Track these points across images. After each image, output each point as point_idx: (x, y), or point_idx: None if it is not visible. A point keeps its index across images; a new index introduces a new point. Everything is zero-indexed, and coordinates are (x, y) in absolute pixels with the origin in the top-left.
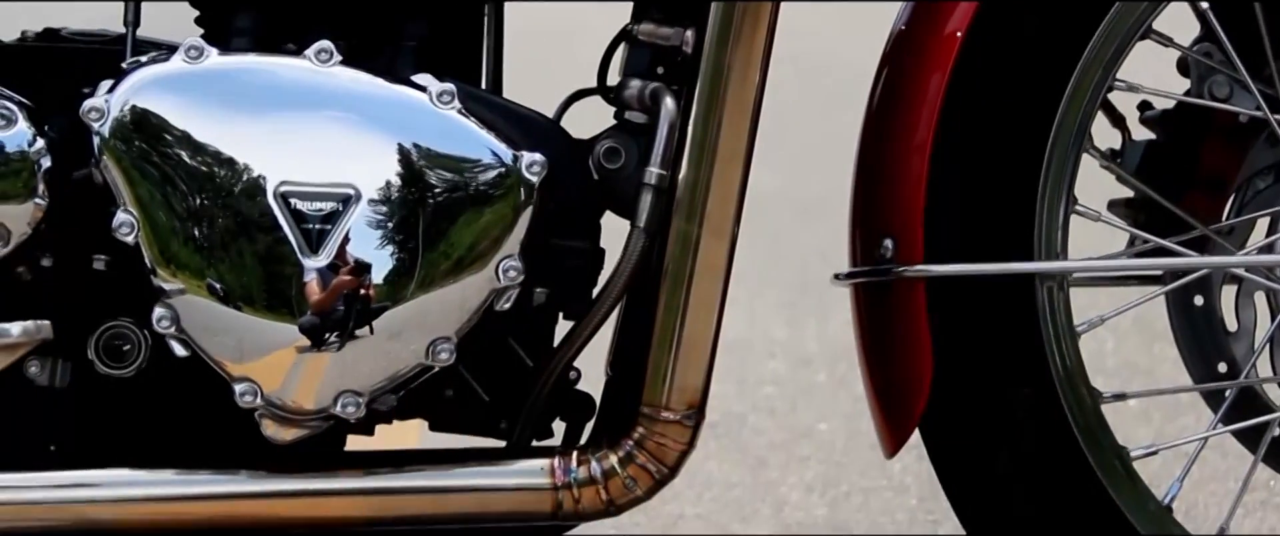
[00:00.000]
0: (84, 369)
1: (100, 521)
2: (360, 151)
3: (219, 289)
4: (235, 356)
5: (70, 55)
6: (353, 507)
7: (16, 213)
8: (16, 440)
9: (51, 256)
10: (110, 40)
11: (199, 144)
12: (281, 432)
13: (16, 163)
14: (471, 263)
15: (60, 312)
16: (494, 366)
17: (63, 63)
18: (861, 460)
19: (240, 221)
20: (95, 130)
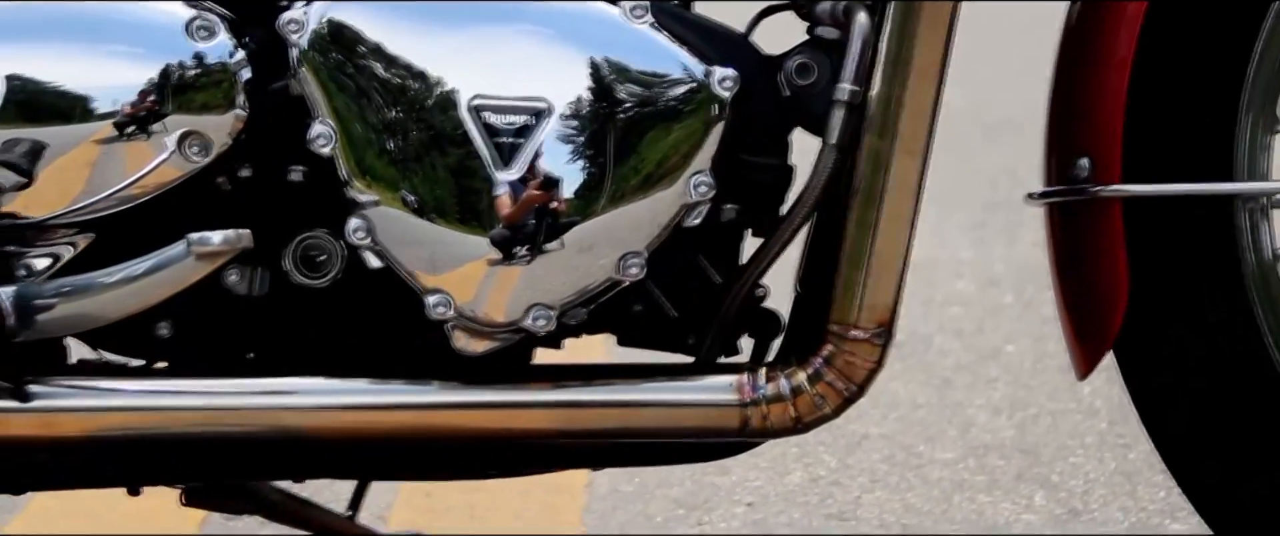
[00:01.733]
0: (280, 279)
1: (293, 428)
2: (553, 65)
3: (412, 201)
4: (428, 268)
5: None
6: (541, 420)
7: (217, 124)
8: (215, 347)
9: (250, 167)
10: None
11: (394, 57)
12: (472, 344)
13: (217, 74)
14: (662, 178)
15: (258, 223)
16: (682, 282)
17: None
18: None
19: (433, 134)
20: (293, 42)
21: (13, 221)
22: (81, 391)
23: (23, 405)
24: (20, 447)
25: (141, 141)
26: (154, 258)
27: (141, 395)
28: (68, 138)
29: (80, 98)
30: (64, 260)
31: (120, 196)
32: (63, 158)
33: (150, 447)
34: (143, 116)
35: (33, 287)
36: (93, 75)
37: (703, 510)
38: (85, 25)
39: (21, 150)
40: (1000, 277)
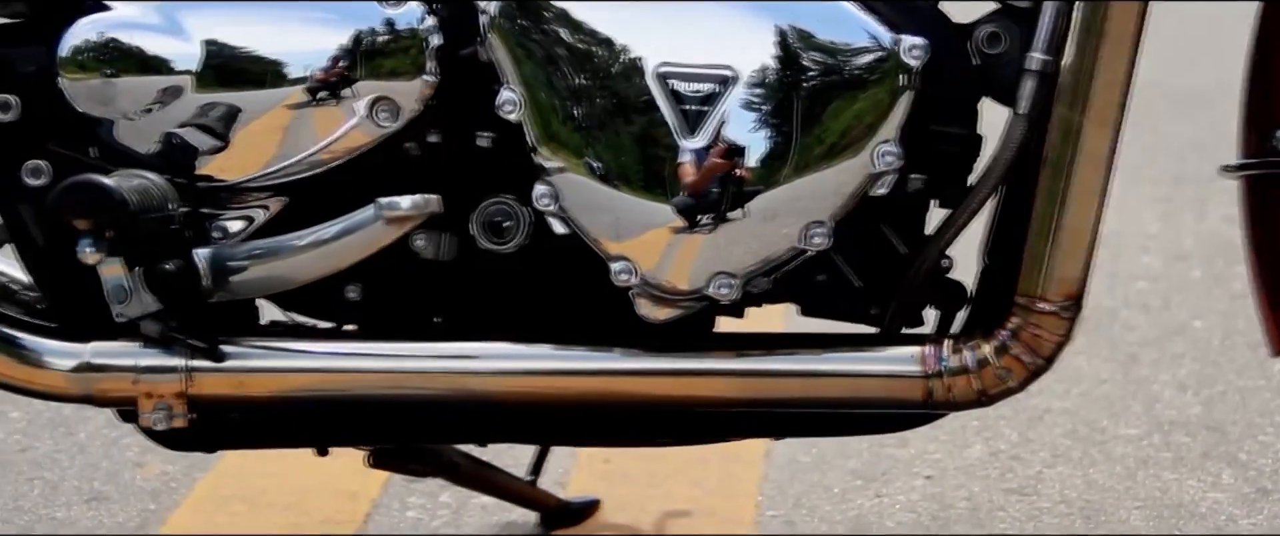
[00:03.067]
0: (466, 243)
1: (477, 392)
2: (740, 33)
3: (598, 168)
4: (613, 235)
5: None
6: (723, 388)
7: (407, 89)
8: (401, 310)
9: (438, 133)
10: None
11: (581, 24)
12: (655, 312)
13: (407, 40)
14: (848, 147)
15: (446, 188)
16: (867, 252)
17: None
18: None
19: (619, 101)
20: (482, 9)
21: (208, 184)
22: (273, 352)
23: (217, 365)
24: (214, 406)
25: (332, 106)
26: (344, 221)
27: (330, 357)
28: (261, 102)
29: (274, 63)
30: (257, 223)
31: (311, 160)
32: (256, 122)
33: (338, 409)
34: (334, 82)
35: (227, 250)
36: (286, 41)
37: (881, 482)
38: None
39: (217, 114)
40: (1188, 252)
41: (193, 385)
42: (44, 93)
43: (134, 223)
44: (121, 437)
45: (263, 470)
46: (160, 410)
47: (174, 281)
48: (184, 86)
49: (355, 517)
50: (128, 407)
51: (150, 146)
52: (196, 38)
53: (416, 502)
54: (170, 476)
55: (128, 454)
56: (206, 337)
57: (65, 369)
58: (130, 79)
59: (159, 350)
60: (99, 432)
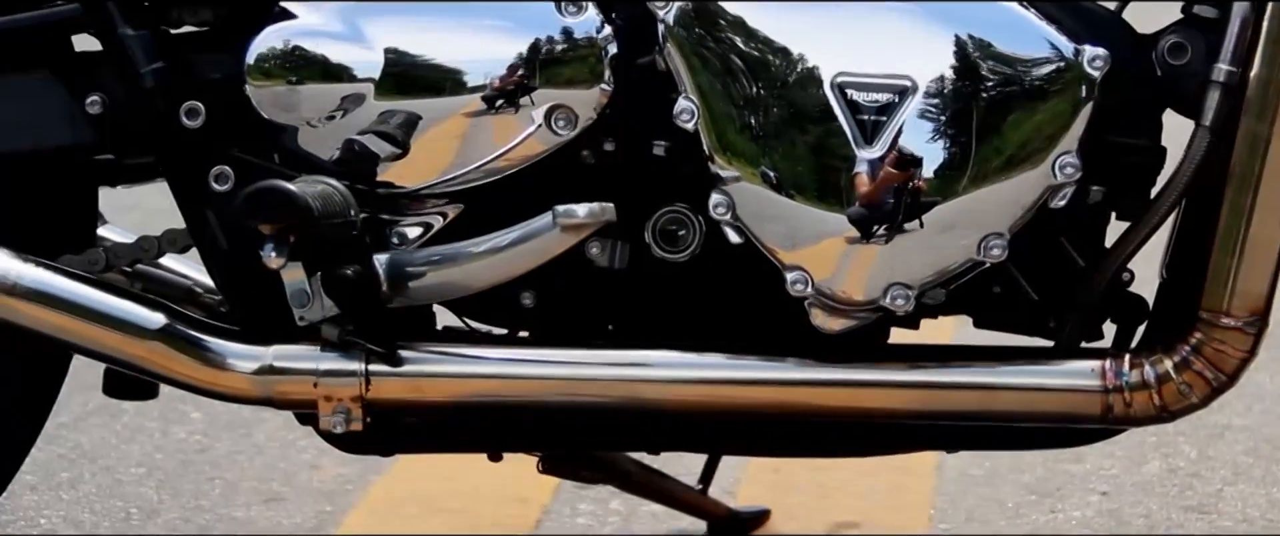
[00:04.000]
0: (640, 252)
1: (649, 401)
2: (918, 43)
3: (773, 177)
4: (788, 245)
5: None
6: (896, 400)
7: (584, 97)
8: (576, 318)
9: (614, 141)
10: None
11: (758, 33)
12: (830, 322)
13: (585, 49)
14: (1027, 158)
15: (620, 196)
16: (1044, 264)
17: None
18: None
19: (796, 111)
20: (660, 18)
21: (388, 190)
22: (448, 358)
23: (394, 369)
24: (391, 410)
25: (510, 115)
26: (520, 229)
27: (505, 363)
28: (440, 110)
29: (452, 71)
30: (434, 230)
31: (488, 168)
32: (435, 129)
33: (511, 414)
34: (511, 90)
35: (405, 255)
36: (465, 49)
37: (1056, 497)
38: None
39: (397, 122)
40: None
41: (370, 389)
42: (230, 99)
43: (316, 228)
44: (298, 439)
45: (436, 474)
46: (338, 413)
47: (354, 286)
48: (365, 94)
49: (526, 523)
50: (307, 411)
51: (332, 153)
52: (378, 46)
53: (587, 509)
54: (346, 479)
55: (304, 456)
56: (384, 342)
57: (247, 371)
58: (314, 86)
59: (338, 354)
60: (276, 434)
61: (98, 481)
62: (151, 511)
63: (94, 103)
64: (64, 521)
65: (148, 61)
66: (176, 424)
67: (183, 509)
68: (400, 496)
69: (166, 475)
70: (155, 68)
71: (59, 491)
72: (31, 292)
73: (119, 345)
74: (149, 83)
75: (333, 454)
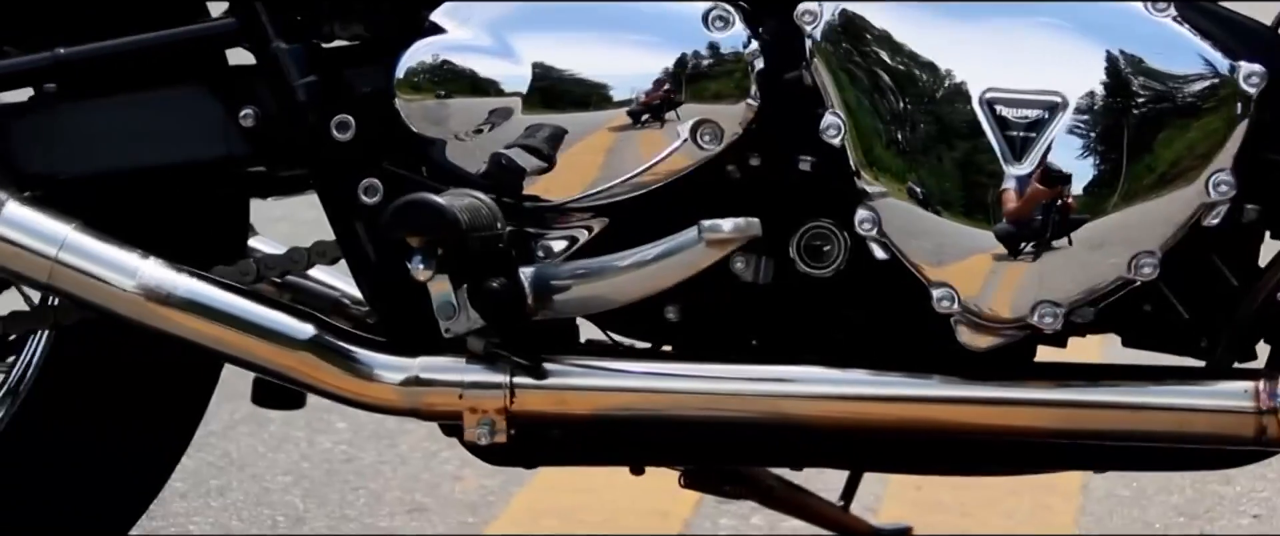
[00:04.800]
0: (785, 267)
1: (792, 416)
2: (1069, 59)
3: (920, 193)
4: (934, 261)
5: None
6: (1043, 419)
7: (730, 112)
8: (720, 332)
9: (760, 156)
10: None
11: (907, 49)
12: (976, 339)
13: (731, 64)
14: (1179, 176)
15: (766, 211)
16: (1196, 283)
17: None
18: None
19: (944, 127)
20: (807, 33)
21: (534, 204)
22: (592, 371)
23: (538, 382)
24: (535, 423)
25: (655, 129)
26: (665, 243)
27: (648, 377)
28: (586, 124)
29: (598, 86)
30: (579, 243)
31: (633, 182)
32: (581, 143)
33: (654, 428)
34: (657, 105)
35: (550, 269)
36: (611, 64)
37: (1205, 519)
38: (607, 15)
39: (543, 135)
40: None
41: (515, 401)
42: (380, 113)
43: (464, 241)
44: (441, 450)
45: (577, 486)
46: (483, 425)
47: (500, 299)
48: (513, 108)
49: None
50: (452, 422)
51: (479, 166)
52: (526, 61)
53: (728, 524)
54: (488, 490)
55: (447, 467)
56: (529, 355)
57: (394, 382)
58: (462, 100)
59: (484, 366)
60: (419, 445)
61: (245, 489)
62: (298, 519)
63: (247, 115)
64: (213, 527)
65: (300, 75)
66: (322, 433)
67: (328, 518)
68: (542, 508)
69: (313, 484)
70: (308, 81)
71: (208, 498)
72: (185, 302)
73: (269, 355)
74: (301, 96)
75: (475, 465)
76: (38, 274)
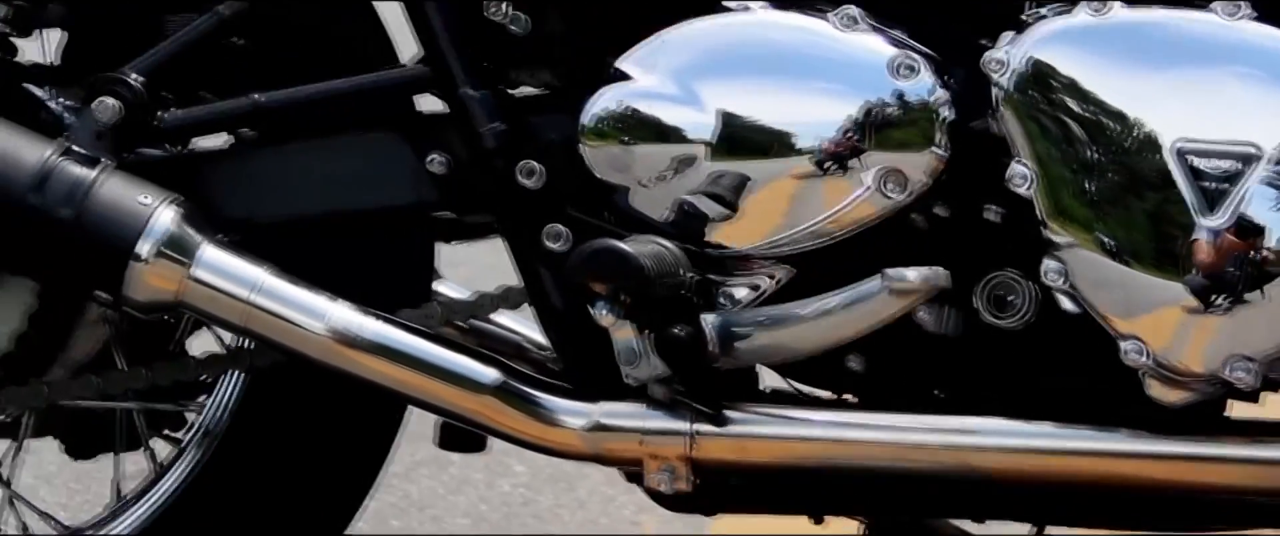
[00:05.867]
0: (969, 317)
1: (978, 468)
2: (1264, 108)
3: (1110, 244)
4: (1123, 313)
5: (971, 6)
6: (1237, 475)
7: (916, 161)
8: (903, 383)
9: (946, 205)
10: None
11: (1098, 98)
12: (1167, 394)
13: (918, 113)
14: None
15: (951, 260)
16: None
17: (964, 14)
18: None
19: (1135, 176)
20: (995, 82)
21: (717, 252)
22: (774, 419)
23: (720, 429)
24: (716, 470)
25: (840, 177)
26: (850, 292)
27: (831, 427)
28: (770, 172)
29: (783, 133)
30: (762, 291)
31: (817, 230)
32: (765, 191)
33: (836, 478)
34: (842, 153)
35: (733, 316)
36: (797, 112)
37: None
38: (793, 63)
39: (728, 183)
40: None
41: (696, 448)
42: (566, 160)
43: (649, 288)
44: (618, 495)
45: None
46: (665, 472)
47: (683, 346)
48: (697, 155)
49: None
50: (633, 468)
51: (664, 213)
52: (711, 108)
53: None
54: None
55: (624, 512)
56: (711, 402)
57: (577, 427)
58: (647, 147)
59: (665, 413)
60: (598, 489)
61: (426, 531)
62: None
63: (435, 161)
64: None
65: (488, 121)
66: (501, 476)
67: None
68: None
69: (492, 526)
70: (495, 128)
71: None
72: (371, 345)
73: (454, 398)
74: (489, 143)
75: (654, 511)
76: (232, 316)
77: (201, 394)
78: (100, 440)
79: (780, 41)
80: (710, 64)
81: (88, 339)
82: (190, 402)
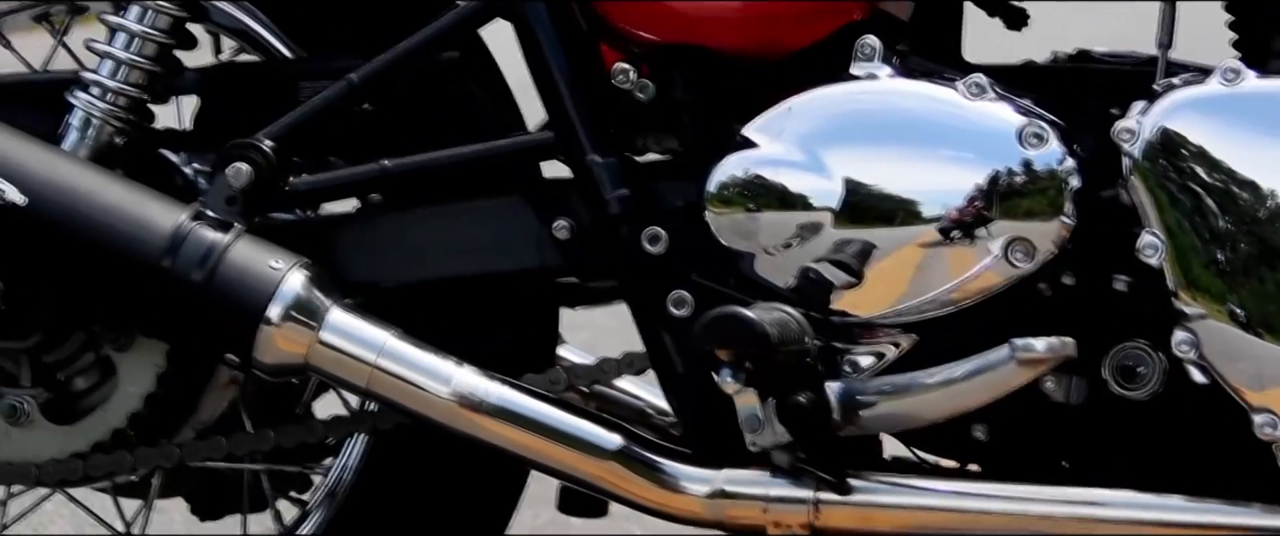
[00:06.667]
0: (1097, 387)
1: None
2: None
3: (1242, 315)
4: (1256, 385)
5: (1101, 76)
6: None
7: (1043, 230)
8: (1029, 453)
9: (1073, 275)
10: (1142, 61)
11: (1230, 168)
12: None
13: (1045, 181)
14: None
15: (1078, 330)
16: None
17: (1094, 83)
18: None
19: (1268, 247)
20: (1125, 151)
21: (842, 319)
22: (898, 488)
23: (843, 498)
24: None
25: (966, 246)
26: (975, 361)
27: (955, 496)
28: (896, 240)
29: (909, 201)
30: (887, 359)
31: (943, 299)
32: (890, 259)
33: None
34: (969, 221)
35: (857, 384)
36: (922, 180)
37: None
38: (919, 131)
39: (853, 251)
40: None
41: (819, 517)
42: (691, 226)
43: (772, 355)
44: None
45: None
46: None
47: (806, 414)
48: (822, 223)
49: None
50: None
51: (788, 280)
52: (837, 175)
53: None
54: None
55: None
56: (834, 471)
57: (700, 494)
58: (772, 214)
59: (788, 481)
60: None
61: None
62: None
63: (560, 227)
64: None
65: (613, 188)
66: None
67: None
68: None
69: None
70: (621, 194)
71: None
72: (495, 409)
73: (577, 463)
74: (614, 209)
75: None
76: (357, 379)
77: (327, 456)
78: (227, 501)
79: (907, 109)
80: (836, 131)
81: (216, 400)
82: (315, 464)
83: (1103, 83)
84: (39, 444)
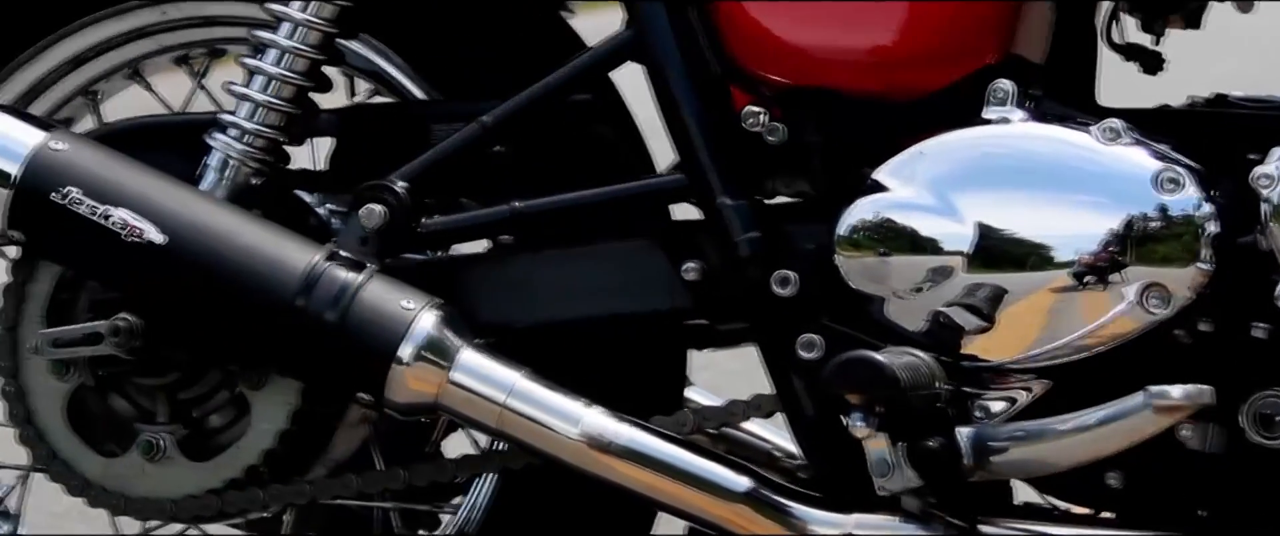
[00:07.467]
0: (1234, 435)
1: None
2: None
3: None
4: None
5: (1239, 120)
6: None
7: (1180, 276)
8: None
9: (1210, 321)
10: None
11: None
12: None
13: (1181, 227)
14: None
15: (1215, 378)
16: None
17: (1231, 128)
18: None
19: None
20: (1264, 197)
21: (973, 364)
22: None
23: None
24: None
25: (1100, 291)
26: (1110, 408)
27: None
28: (1028, 284)
29: (1042, 246)
30: (1019, 405)
31: (1076, 345)
32: (1022, 304)
33: None
34: (1103, 267)
35: (989, 430)
36: (1056, 225)
37: None
38: (1052, 176)
39: (984, 295)
40: None
41: None
42: (821, 269)
43: (903, 400)
44: None
45: None
46: None
47: (937, 459)
48: (954, 267)
49: None
50: None
51: (919, 324)
52: (969, 219)
53: None
54: None
55: None
56: (965, 516)
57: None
58: (902, 258)
59: (919, 525)
60: None
61: None
62: None
63: (690, 269)
64: None
65: (743, 230)
66: None
67: None
68: None
69: None
70: (751, 237)
71: None
72: (625, 451)
73: (705, 505)
74: (744, 251)
75: None
76: (487, 419)
77: (456, 495)
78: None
79: (1041, 154)
80: (968, 175)
81: (348, 439)
82: (445, 503)
83: (1240, 127)
84: (175, 480)
